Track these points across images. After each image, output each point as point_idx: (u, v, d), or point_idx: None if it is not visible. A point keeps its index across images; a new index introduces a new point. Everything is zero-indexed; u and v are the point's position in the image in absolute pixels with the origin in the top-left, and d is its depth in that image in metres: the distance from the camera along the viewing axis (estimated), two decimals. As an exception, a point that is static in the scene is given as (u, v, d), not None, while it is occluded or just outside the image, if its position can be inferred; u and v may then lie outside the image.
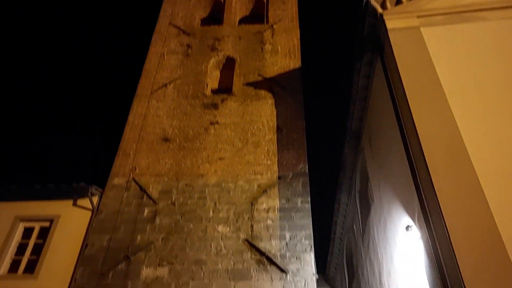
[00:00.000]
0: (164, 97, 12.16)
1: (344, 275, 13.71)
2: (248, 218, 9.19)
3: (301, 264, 8.39)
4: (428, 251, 5.75)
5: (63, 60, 36.49)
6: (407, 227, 6.48)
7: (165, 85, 12.46)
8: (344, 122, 10.67)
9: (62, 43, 37.97)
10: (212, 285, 8.19)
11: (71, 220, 9.36)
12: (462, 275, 4.78)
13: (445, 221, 5.16)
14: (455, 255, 4.91)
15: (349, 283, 13.07)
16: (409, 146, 6.48)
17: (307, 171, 10.06)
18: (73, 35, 37.19)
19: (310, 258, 8.47)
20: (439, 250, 5.34)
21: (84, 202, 9.56)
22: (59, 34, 36.97)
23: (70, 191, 9.63)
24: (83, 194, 9.52)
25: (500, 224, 4.80)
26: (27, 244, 9.26)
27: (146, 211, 9.46)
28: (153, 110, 11.79)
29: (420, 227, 6.08)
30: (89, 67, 36.59)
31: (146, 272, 8.44)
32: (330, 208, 13.85)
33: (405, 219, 6.80)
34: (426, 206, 5.73)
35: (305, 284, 8.09)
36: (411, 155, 6.37)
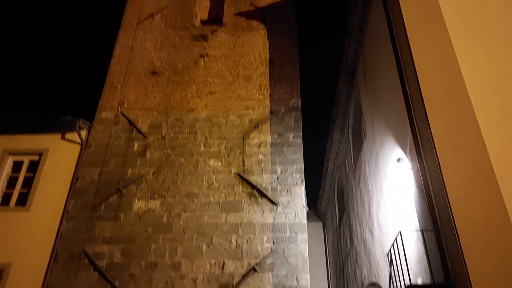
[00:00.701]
0: (151, 28, 11.59)
1: (335, 210, 14.05)
2: (239, 153, 9.15)
3: (291, 196, 8.48)
4: (418, 182, 5.76)
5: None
6: (398, 159, 6.47)
7: (152, 15, 11.82)
8: (339, 55, 10.33)
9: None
10: (204, 216, 8.31)
11: (60, 153, 9.29)
12: (451, 205, 4.81)
13: (437, 151, 5.12)
14: (444, 185, 4.91)
15: (339, 217, 13.42)
16: (405, 78, 6.30)
17: (300, 105, 9.88)
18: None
19: (300, 191, 8.55)
20: (429, 180, 5.35)
21: (73, 135, 9.43)
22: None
23: (58, 125, 9.47)
24: (71, 127, 9.38)
25: (493, 155, 4.71)
26: (17, 178, 9.24)
27: (136, 145, 9.36)
28: (140, 42, 11.28)
29: (412, 159, 6.05)
30: (73, -1, 34.63)
31: (138, 204, 8.52)
32: (322, 145, 13.87)
33: (397, 152, 6.77)
34: (418, 137, 5.67)
35: (295, 216, 8.24)
36: (407, 87, 6.21)
